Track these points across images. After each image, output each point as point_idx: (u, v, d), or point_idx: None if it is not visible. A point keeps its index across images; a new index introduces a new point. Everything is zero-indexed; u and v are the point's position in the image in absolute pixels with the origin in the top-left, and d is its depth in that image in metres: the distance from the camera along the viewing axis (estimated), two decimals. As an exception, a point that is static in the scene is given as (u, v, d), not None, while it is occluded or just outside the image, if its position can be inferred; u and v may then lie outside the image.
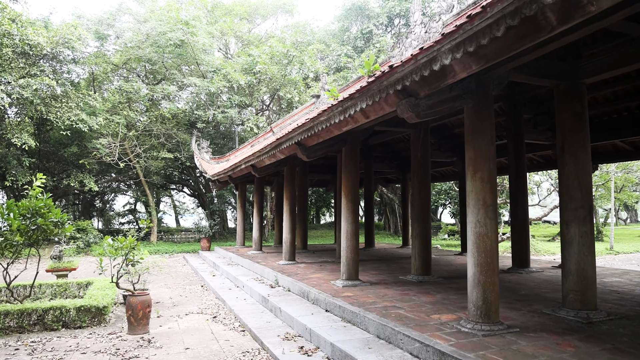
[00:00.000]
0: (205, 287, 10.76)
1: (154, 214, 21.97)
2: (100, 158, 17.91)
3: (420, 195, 8.74)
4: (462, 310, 5.86)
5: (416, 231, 8.69)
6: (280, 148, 8.40)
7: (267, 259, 12.30)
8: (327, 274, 9.22)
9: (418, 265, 8.60)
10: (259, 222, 14.35)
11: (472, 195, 5.06)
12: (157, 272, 10.39)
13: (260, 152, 9.49)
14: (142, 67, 21.81)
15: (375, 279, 8.54)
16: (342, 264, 7.99)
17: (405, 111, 4.80)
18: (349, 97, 5.36)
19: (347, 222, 8.03)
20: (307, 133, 6.97)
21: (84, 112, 16.43)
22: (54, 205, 6.93)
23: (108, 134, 17.76)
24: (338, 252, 11.70)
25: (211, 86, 18.19)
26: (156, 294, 9.69)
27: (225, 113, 18.81)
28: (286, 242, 11.15)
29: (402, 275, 8.99)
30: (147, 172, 21.01)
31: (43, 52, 14.99)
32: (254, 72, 19.15)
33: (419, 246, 8.60)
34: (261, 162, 10.33)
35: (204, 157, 17.89)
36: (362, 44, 25.18)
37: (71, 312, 6.40)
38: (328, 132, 6.78)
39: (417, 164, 8.83)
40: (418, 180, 8.76)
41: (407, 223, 16.70)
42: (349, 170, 8.14)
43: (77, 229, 18.58)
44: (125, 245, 5.99)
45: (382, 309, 5.99)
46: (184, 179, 28.81)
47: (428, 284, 8.00)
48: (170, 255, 18.71)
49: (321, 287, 7.64)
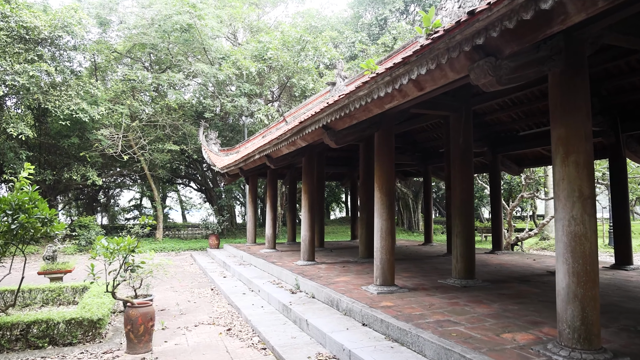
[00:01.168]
0: (215, 290, 9.71)
1: (159, 209, 20.98)
2: (103, 150, 16.89)
3: (462, 188, 7.62)
4: (535, 327, 4.75)
5: (458, 228, 7.57)
6: (303, 134, 7.30)
7: (283, 259, 11.24)
8: (354, 277, 8.13)
9: (461, 268, 7.49)
10: (272, 218, 13.28)
11: (564, 184, 3.92)
12: (162, 276, 9.38)
13: (278, 140, 8.39)
14: (146, 56, 20.77)
15: (411, 284, 7.45)
16: (376, 267, 6.90)
17: (482, 75, 3.68)
18: (402, 62, 4.24)
19: (382, 219, 6.93)
20: (338, 113, 5.86)
21: (84, 101, 15.40)
22: (42, 200, 5.88)
23: (110, 124, 16.74)
24: (361, 251, 10.63)
25: (220, 74, 17.06)
26: (161, 298, 8.65)
27: (234, 102, 17.68)
28: (304, 240, 10.07)
29: (440, 279, 7.89)
30: (153, 166, 20.00)
31: (40, 37, 13.95)
32: (265, 58, 18.01)
33: (462, 246, 7.48)
34: (278, 152, 9.23)
35: (213, 149, 16.83)
36: (377, 31, 23.95)
37: (60, 326, 5.36)
38: (365, 112, 5.67)
39: (458, 152, 7.71)
40: (460, 171, 7.64)
41: (430, 218, 15.59)
42: (384, 159, 7.03)
43: (79, 226, 17.62)
44: (122, 247, 4.93)
45: (436, 324, 4.89)
46: (190, 173, 27.83)
47: (475, 290, 6.90)
48: (177, 253, 17.72)
49: (352, 295, 6.55)
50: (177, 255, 17.00)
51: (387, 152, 7.06)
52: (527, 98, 10.70)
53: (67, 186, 20.04)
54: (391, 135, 7.15)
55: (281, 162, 10.27)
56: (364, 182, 10.74)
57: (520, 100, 11.00)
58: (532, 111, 11.29)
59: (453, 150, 7.81)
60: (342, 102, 5.58)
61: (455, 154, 7.74)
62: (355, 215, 17.58)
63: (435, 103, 7.65)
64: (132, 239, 5.00)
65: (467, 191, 7.64)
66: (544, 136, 11.40)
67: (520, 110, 11.42)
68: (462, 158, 7.65)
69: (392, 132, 7.17)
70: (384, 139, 7.07)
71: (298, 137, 7.60)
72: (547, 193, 20.25)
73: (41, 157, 18.65)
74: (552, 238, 19.76)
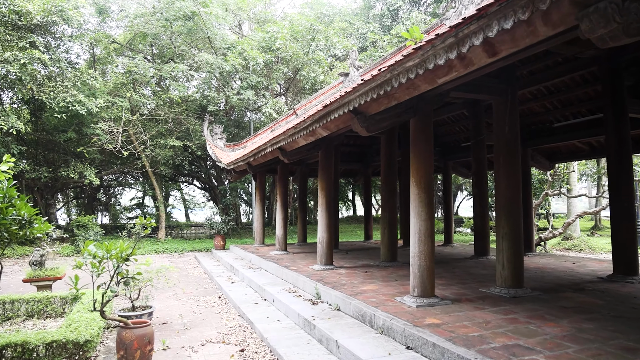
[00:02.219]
0: (224, 298, 8.74)
1: (161, 208, 20.02)
2: (101, 146, 15.92)
3: (508, 184, 6.62)
4: (634, 355, 3.76)
5: (503, 230, 6.57)
6: (326, 120, 6.30)
7: (296, 262, 10.26)
8: (382, 285, 7.14)
9: (507, 275, 6.49)
10: (283, 218, 12.29)
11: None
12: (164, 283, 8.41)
13: (296, 129, 7.39)
14: (148, 48, 19.77)
15: (451, 293, 6.46)
16: (413, 276, 5.91)
17: (603, 23, 2.67)
18: (477, 16, 3.23)
19: (420, 219, 5.93)
20: (375, 92, 4.85)
21: (81, 93, 14.43)
22: (22, 197, 4.91)
23: (110, 118, 15.76)
24: (383, 254, 9.64)
25: (225, 64, 16.04)
26: (163, 309, 7.68)
27: (240, 95, 16.66)
28: (322, 242, 9.09)
29: (482, 287, 6.89)
30: (154, 162, 19.03)
31: (33, 22, 12.97)
32: (273, 49, 16.99)
33: (509, 250, 6.48)
34: (293, 144, 8.24)
35: (218, 144, 15.85)
36: (390, 22, 22.90)
37: (39, 350, 4.39)
38: (408, 90, 4.67)
39: (502, 143, 6.72)
40: (505, 164, 6.65)
41: (450, 218, 14.58)
42: (421, 150, 6.03)
43: (76, 225, 16.67)
44: (114, 255, 3.95)
45: (505, 351, 3.90)
46: (194, 171, 26.88)
47: (529, 302, 5.90)
48: (180, 255, 16.76)
49: (387, 308, 5.56)
50: (180, 257, 16.04)
51: (425, 140, 6.06)
52: (566, 85, 9.72)
53: (65, 184, 19.10)
54: (429, 121, 6.16)
55: (295, 156, 9.28)
56: (386, 178, 9.74)
57: (557, 88, 10.00)
58: (569, 100, 10.28)
59: (497, 142, 6.82)
60: (381, 78, 4.57)
61: (500, 146, 6.75)
62: (369, 215, 16.59)
63: (478, 85, 6.66)
64: (125, 244, 4.02)
65: (514, 188, 6.64)
66: (583, 127, 10.40)
67: (556, 99, 10.42)
68: (508, 150, 6.66)
69: (430, 118, 6.18)
70: (422, 126, 6.07)
71: (319, 125, 6.60)
72: (569, 190, 19.20)
73: (38, 154, 17.71)
74: (575, 238, 18.71)
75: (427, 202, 5.98)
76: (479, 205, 10.80)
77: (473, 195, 11.22)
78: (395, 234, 9.73)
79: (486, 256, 10.64)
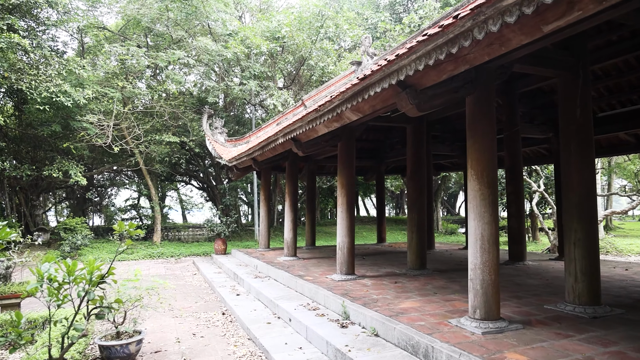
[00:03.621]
0: (228, 315, 7.46)
1: (157, 209, 18.67)
2: (90, 141, 14.57)
3: (581, 178, 5.41)
4: None
5: (576, 234, 5.35)
6: (361, 98, 5.03)
7: (310, 270, 9.00)
8: (422, 302, 5.88)
9: (582, 290, 5.27)
10: (292, 219, 11.01)
11: None
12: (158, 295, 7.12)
13: (318, 112, 6.12)
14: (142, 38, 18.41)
15: (513, 312, 5.23)
16: (475, 293, 4.67)
17: None
18: None
19: (482, 221, 4.71)
20: (439, 52, 3.59)
21: (67, 82, 13.10)
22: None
23: (99, 111, 14.41)
24: (411, 261, 8.41)
25: (226, 52, 14.72)
26: (156, 330, 6.41)
27: (244, 85, 15.33)
28: (342, 247, 7.82)
29: (546, 304, 5.67)
30: (149, 160, 17.70)
31: (11, 1, 11.61)
32: (278, 37, 15.70)
33: (583, 258, 5.27)
34: (311, 132, 6.97)
35: (218, 139, 14.56)
36: (401, 10, 21.65)
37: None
38: (491, 47, 3.42)
39: (573, 129, 5.50)
40: (576, 154, 5.43)
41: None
42: (483, 135, 4.82)
43: (64, 228, 15.33)
44: (81, 277, 2.68)
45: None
46: (191, 170, 25.57)
47: (617, 324, 4.69)
48: (177, 260, 15.44)
49: (445, 336, 4.31)
50: (177, 263, 14.73)
51: (487, 123, 4.83)
52: (617, 68, 8.52)
53: (51, 184, 17.72)
54: (492, 99, 4.93)
55: (311, 148, 8.01)
56: (414, 174, 8.50)
57: (606, 72, 8.80)
58: (618, 86, 9.10)
59: (566, 128, 5.59)
60: (457, 28, 3.31)
61: (569, 133, 5.52)
62: (382, 216, 15.33)
63: (543, 58, 5.44)
64: (97, 263, 2.75)
65: (588, 183, 5.42)
66: (632, 117, 9.22)
67: (603, 86, 9.23)
68: (580, 138, 5.43)
69: (493, 95, 4.95)
70: (483, 106, 4.84)
71: (350, 105, 5.34)
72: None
73: (21, 150, 16.35)
74: (600, 239, 17.53)
75: (491, 200, 4.75)
76: (514, 205, 9.59)
77: (507, 194, 9.99)
78: (424, 237, 8.49)
79: (523, 262, 9.43)
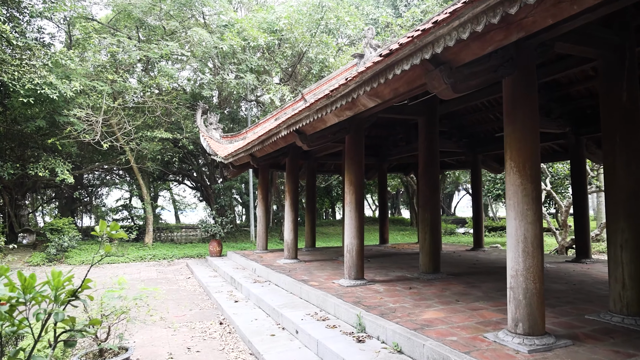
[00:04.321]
0: (227, 325, 6.77)
1: (149, 209, 17.87)
2: (77, 137, 13.78)
3: (627, 171, 4.80)
4: None
5: (623, 235, 4.75)
6: (384, 79, 4.36)
7: (314, 275, 8.33)
8: (447, 311, 5.23)
9: (633, 298, 4.66)
10: (293, 220, 10.33)
11: None
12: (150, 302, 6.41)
13: (329, 99, 5.44)
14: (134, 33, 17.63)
15: (553, 324, 4.60)
16: (517, 304, 4.03)
17: None
18: None
19: (524, 220, 4.08)
20: (492, 14, 2.94)
21: (52, 74, 12.32)
22: None
23: (88, 105, 13.63)
24: (424, 264, 7.78)
25: (222, 44, 14.00)
26: (146, 343, 5.71)
27: (241, 79, 14.61)
28: (350, 250, 7.16)
29: (587, 314, 5.04)
30: (140, 158, 16.92)
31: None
32: (276, 30, 15.00)
33: (632, 262, 4.66)
34: (318, 123, 6.30)
35: (213, 135, 13.84)
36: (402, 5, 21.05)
37: None
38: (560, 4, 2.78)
39: (618, 115, 4.88)
40: (624, 144, 4.82)
41: (480, 219, 12.75)
42: (524, 119, 4.17)
43: (50, 230, 14.54)
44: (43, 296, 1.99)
45: None
46: (184, 169, 24.78)
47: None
48: (170, 262, 14.69)
49: (485, 355, 3.66)
50: (170, 265, 13.99)
51: (530, 108, 4.19)
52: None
53: (36, 182, 16.88)
54: (534, 81, 4.28)
55: (317, 141, 7.33)
56: (426, 171, 7.88)
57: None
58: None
59: (608, 116, 4.99)
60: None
61: (613, 121, 4.91)
62: (385, 216, 14.69)
63: (587, 36, 4.80)
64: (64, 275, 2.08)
65: (637, 176, 4.80)
66: None
67: None
68: (626, 127, 4.82)
69: (534, 76, 4.30)
70: (524, 87, 4.20)
71: (369, 89, 4.67)
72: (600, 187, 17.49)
73: (4, 147, 15.51)
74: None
75: (534, 196, 4.10)
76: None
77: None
78: (439, 239, 7.87)
79: (542, 265, 8.81)
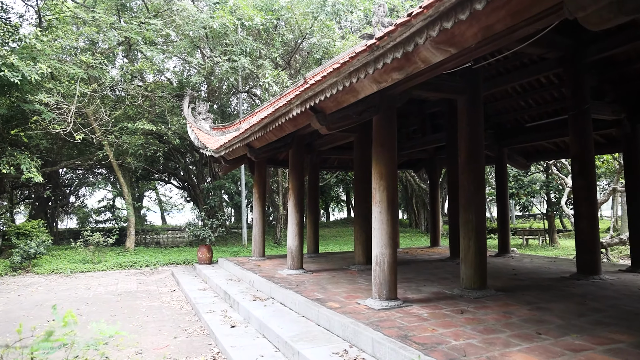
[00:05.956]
0: (220, 358, 5.17)
1: (130, 211, 16.11)
2: (46, 127, 12.03)
3: None
4: None
5: None
6: (462, 16, 2.84)
7: (328, 290, 6.77)
8: (537, 350, 3.70)
9: None
10: (298, 222, 8.73)
11: None
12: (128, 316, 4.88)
13: (374, 53, 3.92)
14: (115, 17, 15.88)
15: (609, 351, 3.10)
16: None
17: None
18: None
19: None
20: None
21: (14, 54, 10.59)
22: None
23: (58, 92, 11.89)
24: (468, 277, 6.27)
25: (213, 22, 12.35)
26: (112, 399, 4.08)
27: (234, 62, 12.98)
28: (381, 262, 5.61)
29: None
30: (121, 153, 15.20)
31: None
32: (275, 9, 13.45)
33: None
34: (348, 95, 4.74)
35: (202, 126, 12.20)
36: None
37: None
38: None
39: None
40: None
41: (506, 218, 11.28)
42: None
43: (16, 234, 12.75)
44: None
45: None
46: (170, 167, 23.06)
47: None
48: (153, 271, 12.98)
49: None
50: (152, 274, 12.29)
51: None
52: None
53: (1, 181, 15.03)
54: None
55: (339, 122, 5.75)
56: (470, 163, 6.39)
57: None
58: None
59: None
60: None
61: None
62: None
63: None
64: None
65: None
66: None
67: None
68: None
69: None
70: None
71: (445, 27, 3.15)
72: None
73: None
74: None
75: None
76: (585, 203, 7.54)
77: (574, 190, 7.95)
78: (485, 246, 6.36)
79: (598, 275, 7.37)
